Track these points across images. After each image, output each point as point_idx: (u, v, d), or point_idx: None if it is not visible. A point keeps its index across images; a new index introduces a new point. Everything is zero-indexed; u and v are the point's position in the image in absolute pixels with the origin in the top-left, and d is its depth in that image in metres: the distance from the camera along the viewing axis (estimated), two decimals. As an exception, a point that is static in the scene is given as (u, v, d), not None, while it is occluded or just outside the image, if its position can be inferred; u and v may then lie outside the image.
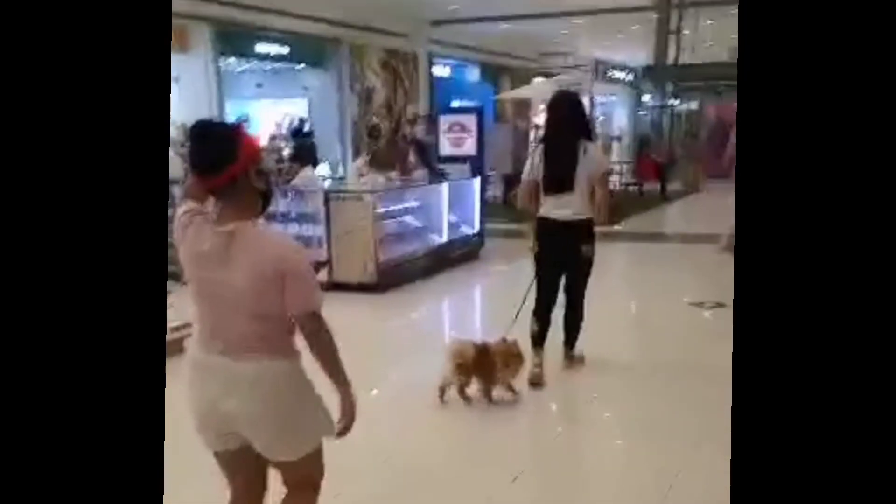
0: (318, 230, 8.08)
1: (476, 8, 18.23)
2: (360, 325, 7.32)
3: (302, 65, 17.50)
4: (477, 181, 9.66)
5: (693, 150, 18.98)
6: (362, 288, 7.97)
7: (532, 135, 21.43)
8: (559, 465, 4.27)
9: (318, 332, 2.37)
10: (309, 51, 17.19)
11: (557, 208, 4.98)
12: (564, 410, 5.18)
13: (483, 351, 4.73)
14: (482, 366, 4.72)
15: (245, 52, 15.77)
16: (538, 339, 5.21)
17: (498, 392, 4.84)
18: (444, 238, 9.12)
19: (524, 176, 5.17)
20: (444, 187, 9.07)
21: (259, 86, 17.40)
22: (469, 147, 9.68)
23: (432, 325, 7.36)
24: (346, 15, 17.16)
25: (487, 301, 8.48)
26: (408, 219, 8.84)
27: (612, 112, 27.37)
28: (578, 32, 21.84)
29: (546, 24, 20.34)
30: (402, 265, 8.37)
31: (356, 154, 17.19)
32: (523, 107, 24.35)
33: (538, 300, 5.23)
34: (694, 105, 21.88)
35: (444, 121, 9.80)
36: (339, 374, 2.43)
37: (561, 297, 5.32)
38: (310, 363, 2.44)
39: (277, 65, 16.96)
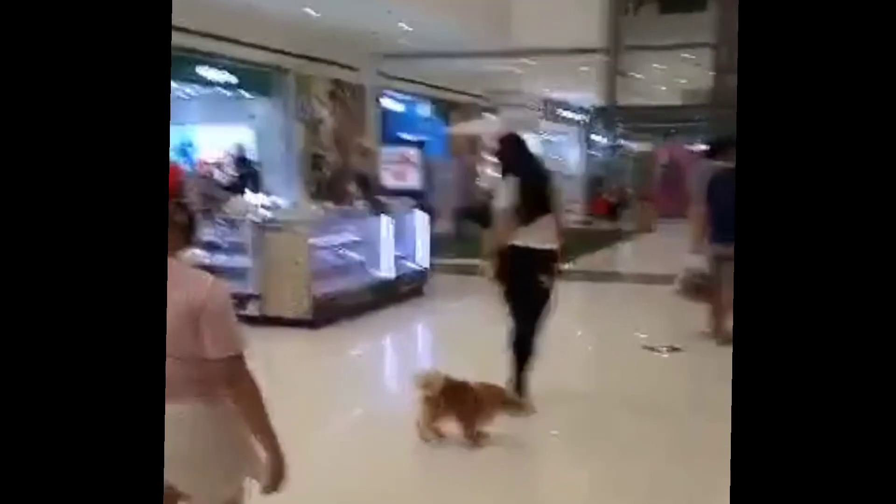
0: (249, 261, 7.43)
1: (425, 43, 17.87)
2: (292, 363, 6.69)
3: (248, 92, 16.89)
4: (421, 215, 9.09)
5: (645, 191, 18.71)
6: (296, 323, 7.33)
7: (479, 169, 21.14)
8: None
9: (239, 380, 2.19)
10: (255, 79, 16.60)
11: (529, 237, 5.02)
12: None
13: (461, 388, 4.47)
14: (458, 403, 4.44)
15: (189, 78, 15.13)
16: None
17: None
18: (387, 273, 8.51)
19: (500, 206, 5.03)
20: (385, 221, 8.48)
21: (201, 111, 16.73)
22: (413, 180, 9.13)
23: (371, 363, 6.71)
24: (292, 44, 16.64)
25: (432, 339, 7.87)
26: (346, 252, 8.21)
27: (563, 151, 27.22)
28: (529, 72, 21.64)
29: (497, 62, 20.09)
30: (339, 300, 7.73)
31: (302, 184, 16.63)
32: (473, 142, 24.05)
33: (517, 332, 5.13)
34: (646, 147, 21.72)
35: (387, 153, 9.24)
36: (266, 427, 2.26)
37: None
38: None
39: (224, 91, 16.33)
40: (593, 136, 24.26)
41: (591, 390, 5.82)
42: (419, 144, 9.24)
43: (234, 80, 15.60)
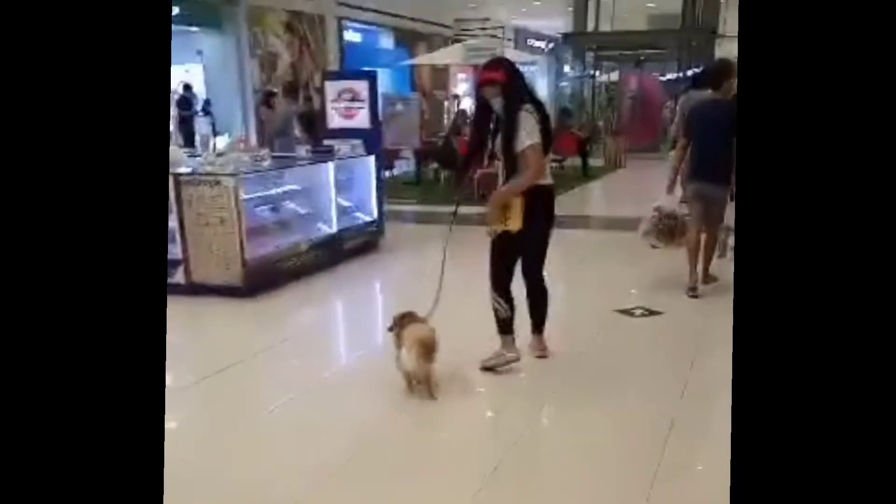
0: (171, 221, 6.31)
1: (387, -32, 16.42)
2: (220, 336, 5.65)
3: (196, 27, 15.42)
4: (371, 159, 7.94)
5: (615, 124, 17.56)
6: (227, 291, 6.26)
7: (448, 105, 19.83)
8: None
9: None
10: (203, 12, 15.13)
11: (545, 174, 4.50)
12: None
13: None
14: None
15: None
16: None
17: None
18: (333, 227, 7.41)
19: (534, 142, 4.30)
20: (330, 167, 7.33)
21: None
22: (362, 119, 7.94)
23: (311, 338, 5.65)
24: (242, -27, 15.17)
25: (391, 302, 6.80)
26: (286, 206, 7.08)
27: (532, 82, 25.95)
28: (496, -2, 20.26)
29: (462, -12, 18.71)
30: (277, 262, 6.64)
31: (258, 126, 15.36)
32: (442, 74, 22.68)
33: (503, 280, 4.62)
34: (614, 76, 20.46)
35: (332, 88, 8.01)
36: None
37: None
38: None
39: (168, 26, 14.89)
40: (562, 67, 23.00)
41: (562, 364, 4.82)
42: (369, 76, 7.95)
43: (177, 12, 14.12)
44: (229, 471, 3.55)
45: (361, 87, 7.90)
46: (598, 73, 20.09)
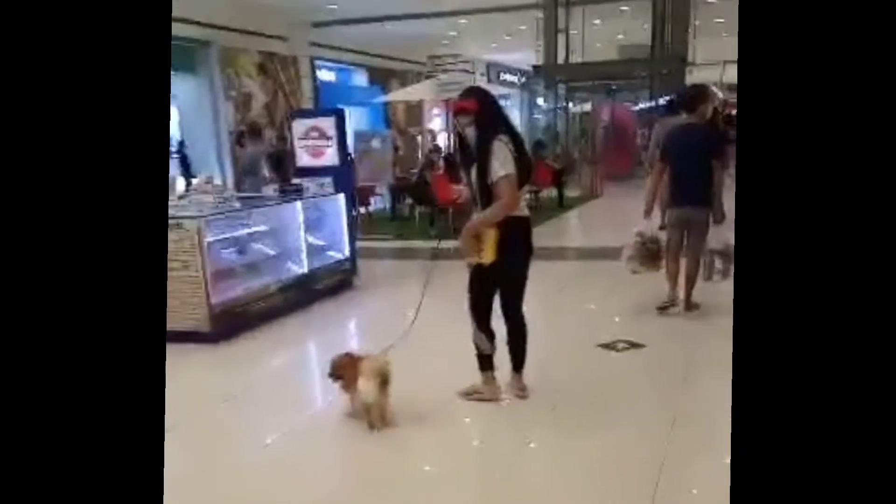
0: (133, 267, 6.01)
1: (356, 8, 16.32)
2: (184, 386, 5.32)
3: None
4: (341, 197, 7.69)
5: (590, 154, 17.44)
6: (194, 337, 5.95)
7: (421, 140, 19.68)
8: None
9: None
10: (176, 54, 14.96)
11: (520, 205, 4.33)
12: None
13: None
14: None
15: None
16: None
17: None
18: (304, 267, 7.13)
19: (508, 172, 4.12)
20: (298, 206, 7.07)
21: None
22: (331, 157, 7.70)
23: (280, 383, 5.34)
24: (214, 16, 15.01)
25: (365, 341, 6.48)
26: (253, 247, 6.80)
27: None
28: (466, 34, 20.24)
29: (432, 25, 18.65)
30: (246, 306, 6.34)
31: (233, 166, 15.11)
32: (416, 110, 22.59)
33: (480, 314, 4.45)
34: (587, 107, 20.42)
35: (299, 126, 7.78)
36: None
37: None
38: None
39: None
40: (536, 100, 22.97)
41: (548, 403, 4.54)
42: (336, 113, 7.72)
43: (149, 56, 13.96)
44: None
45: (328, 124, 7.68)
46: (570, 104, 20.05)
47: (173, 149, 14.91)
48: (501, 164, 4.08)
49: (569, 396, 4.64)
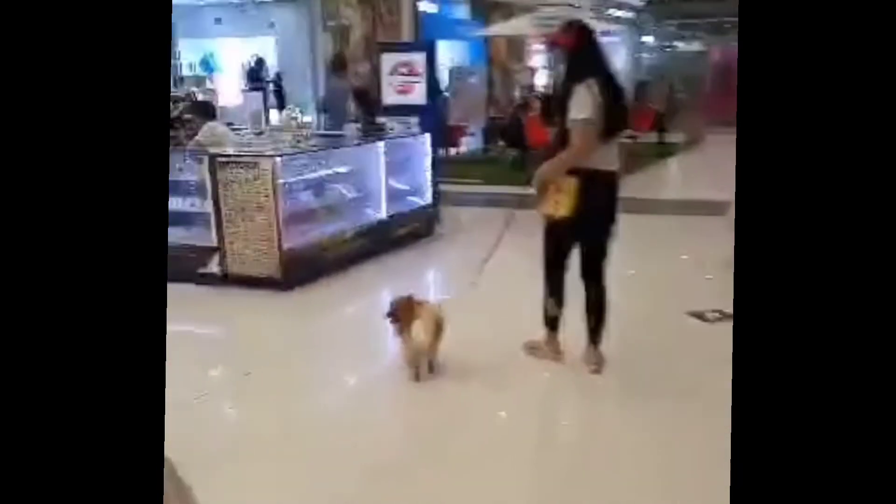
0: (207, 206, 5.79)
1: (461, -64, 15.54)
2: (249, 335, 5.10)
3: (268, -1, 14.94)
4: (426, 138, 7.25)
5: (696, 97, 16.31)
6: (265, 282, 5.72)
7: (523, 78, 18.88)
8: None
9: None
10: (276, -20, 14.62)
11: (605, 158, 3.89)
12: None
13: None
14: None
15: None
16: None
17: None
18: (383, 213, 6.78)
19: (585, 117, 3.73)
20: (380, 147, 6.68)
21: (218, 21, 14.80)
22: (418, 94, 7.25)
23: (349, 335, 5.04)
24: (314, -59, 14.57)
25: (442, 292, 6.13)
26: (330, 189, 6.47)
27: (613, 54, 24.75)
28: (575, -35, 19.10)
29: (540, -45, 17.64)
30: (320, 252, 6.06)
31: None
32: (518, 46, 21.70)
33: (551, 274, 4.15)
34: (697, 46, 19.12)
35: (387, 61, 7.32)
36: None
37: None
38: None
39: (240, -2, 14.41)
40: (644, 38, 21.71)
41: (621, 381, 4.10)
42: (426, 48, 7.22)
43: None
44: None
45: (418, 59, 7.19)
46: (680, 43, 18.82)
47: (269, 80, 14.72)
48: (579, 108, 3.73)
49: (645, 371, 4.19)
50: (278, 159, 5.66)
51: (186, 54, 14.55)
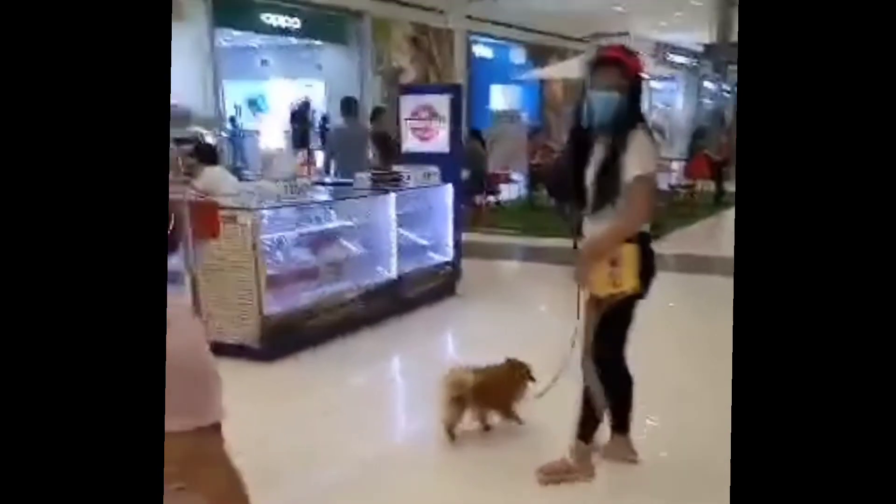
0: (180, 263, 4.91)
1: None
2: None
3: (317, 40, 14.32)
4: (448, 189, 6.29)
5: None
6: (242, 352, 4.78)
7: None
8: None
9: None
10: (325, 24, 13.99)
11: None
12: None
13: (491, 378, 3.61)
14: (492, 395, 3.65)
15: (248, 25, 12.66)
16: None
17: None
18: (393, 271, 5.81)
19: (648, 172, 2.93)
20: (392, 199, 5.74)
21: (264, 63, 14.24)
22: (441, 142, 6.31)
23: (334, 418, 4.04)
24: (367, -16, 13.94)
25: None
26: (329, 246, 5.51)
27: (670, 99, 23.51)
28: (634, 9, 18.08)
29: (597, 1, 16.72)
30: (311, 317, 5.11)
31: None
32: (574, 90, 20.71)
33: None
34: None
35: (406, 104, 6.42)
36: None
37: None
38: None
39: (288, 40, 13.79)
40: (706, 83, 20.50)
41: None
42: (451, 91, 6.30)
43: (298, 25, 12.98)
44: None
45: (441, 102, 6.26)
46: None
47: (317, 124, 14.07)
48: (642, 160, 2.89)
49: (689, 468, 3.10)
50: (264, 212, 4.76)
51: (232, 95, 14.05)
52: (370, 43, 14.83)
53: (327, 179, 6.75)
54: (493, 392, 3.67)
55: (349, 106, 7.41)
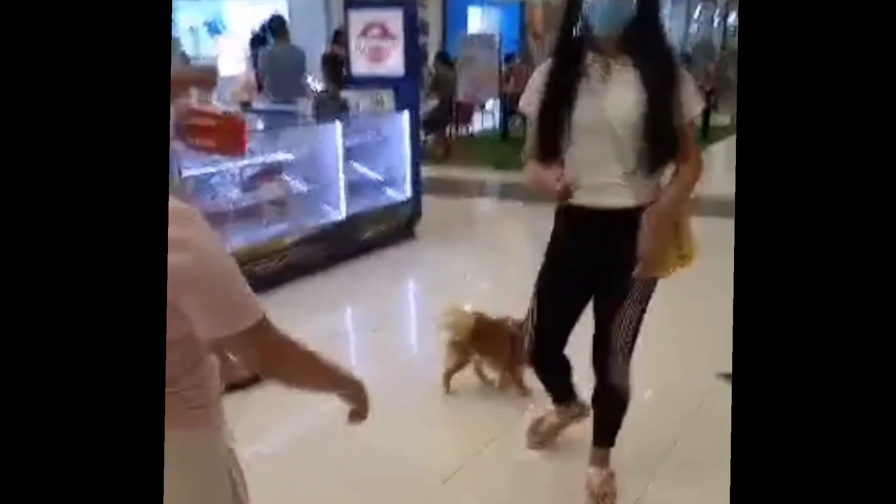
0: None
1: None
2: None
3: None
4: (404, 117, 5.62)
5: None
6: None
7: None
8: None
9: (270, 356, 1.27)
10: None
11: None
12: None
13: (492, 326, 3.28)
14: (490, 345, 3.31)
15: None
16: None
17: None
18: (341, 212, 5.18)
19: (693, 113, 2.33)
20: (337, 128, 5.07)
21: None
22: (394, 63, 5.60)
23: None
24: None
25: (419, 322, 4.57)
26: (264, 184, 4.86)
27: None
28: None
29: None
30: (248, 261, 4.50)
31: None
32: (557, 13, 19.75)
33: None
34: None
35: (356, 20, 5.68)
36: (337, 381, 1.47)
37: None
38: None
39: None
40: (692, 8, 19.63)
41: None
42: (403, 5, 5.55)
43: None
44: None
45: (393, 19, 5.54)
46: (732, 14, 16.74)
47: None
48: (692, 98, 2.29)
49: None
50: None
51: (187, 17, 13.09)
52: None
53: (261, 105, 6.05)
54: (496, 343, 3.31)
55: (277, 25, 6.69)
